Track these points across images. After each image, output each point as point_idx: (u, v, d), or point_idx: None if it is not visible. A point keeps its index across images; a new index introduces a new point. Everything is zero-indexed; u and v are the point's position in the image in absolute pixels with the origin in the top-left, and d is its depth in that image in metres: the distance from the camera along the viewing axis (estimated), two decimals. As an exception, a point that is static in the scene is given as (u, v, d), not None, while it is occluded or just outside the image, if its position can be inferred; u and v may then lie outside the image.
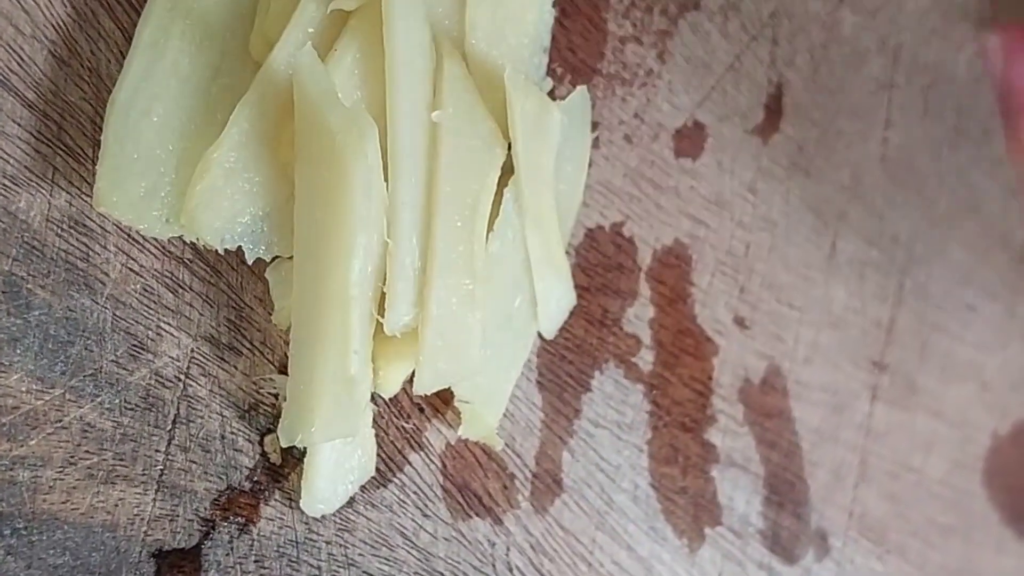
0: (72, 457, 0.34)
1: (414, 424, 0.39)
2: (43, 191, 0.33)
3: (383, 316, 0.35)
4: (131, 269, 0.35)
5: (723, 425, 0.44)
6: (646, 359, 0.43)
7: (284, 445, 0.36)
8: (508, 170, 0.38)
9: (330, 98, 0.34)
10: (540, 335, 0.40)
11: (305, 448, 0.36)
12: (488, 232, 0.38)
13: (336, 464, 0.37)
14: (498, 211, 0.38)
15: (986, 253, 0.50)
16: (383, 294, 0.36)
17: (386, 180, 0.35)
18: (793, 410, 0.46)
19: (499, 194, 0.38)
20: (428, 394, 0.39)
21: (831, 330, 0.47)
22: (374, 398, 0.37)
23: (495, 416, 0.39)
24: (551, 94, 0.40)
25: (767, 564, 0.45)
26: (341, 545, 0.37)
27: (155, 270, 0.35)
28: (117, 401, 0.34)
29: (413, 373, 0.37)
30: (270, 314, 0.36)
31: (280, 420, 0.35)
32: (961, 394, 0.49)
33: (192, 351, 0.35)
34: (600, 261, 0.42)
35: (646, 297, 0.43)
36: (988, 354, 0.50)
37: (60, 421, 0.33)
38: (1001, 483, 0.50)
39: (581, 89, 0.40)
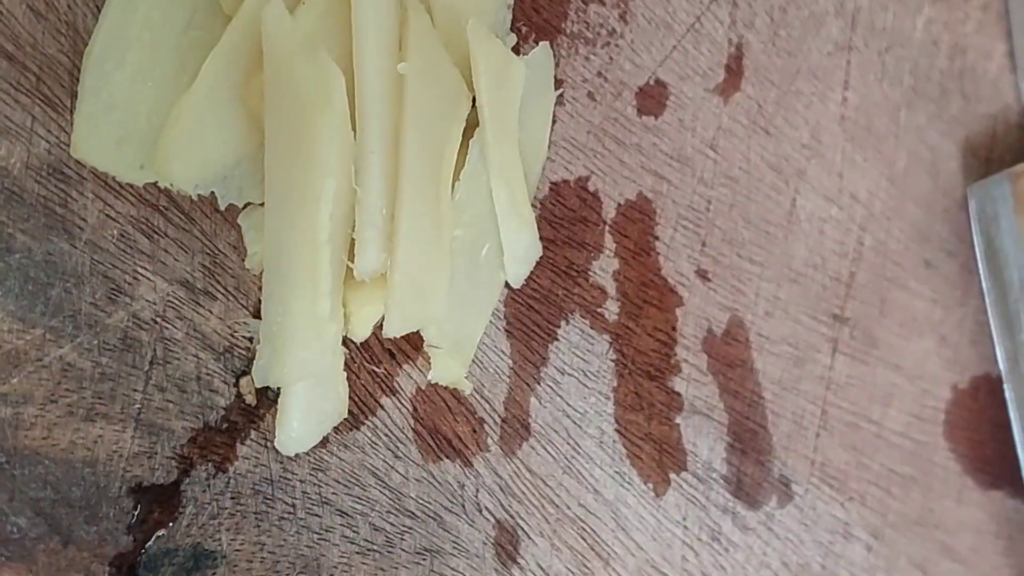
0: (53, 395, 0.35)
1: (385, 369, 0.40)
2: (22, 140, 0.35)
3: (353, 262, 0.37)
4: (108, 215, 0.36)
5: (687, 374, 0.45)
6: (611, 310, 0.44)
7: (258, 385, 0.37)
8: (474, 124, 0.40)
9: (298, 49, 0.35)
10: (508, 285, 0.42)
11: (279, 389, 0.38)
12: (454, 183, 0.39)
13: (309, 405, 0.38)
14: (464, 162, 0.39)
15: (944, 211, 0.52)
16: (353, 240, 0.37)
17: (354, 130, 0.36)
18: (755, 361, 0.47)
19: (464, 146, 0.39)
20: (398, 338, 0.40)
21: (791, 284, 0.48)
22: (346, 343, 0.39)
23: (464, 362, 0.41)
24: (515, 50, 0.42)
25: (731, 509, 0.46)
26: (315, 484, 0.39)
27: (131, 216, 0.36)
28: (96, 342, 0.35)
29: (383, 318, 0.38)
30: (243, 260, 0.38)
31: (254, 361, 0.37)
32: (920, 348, 0.51)
33: (168, 295, 0.37)
34: (565, 214, 0.43)
35: (611, 250, 0.44)
36: (946, 310, 0.52)
37: (41, 360, 0.35)
38: (961, 435, 0.52)
39: (544, 45, 0.41)
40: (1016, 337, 0.51)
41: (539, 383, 0.43)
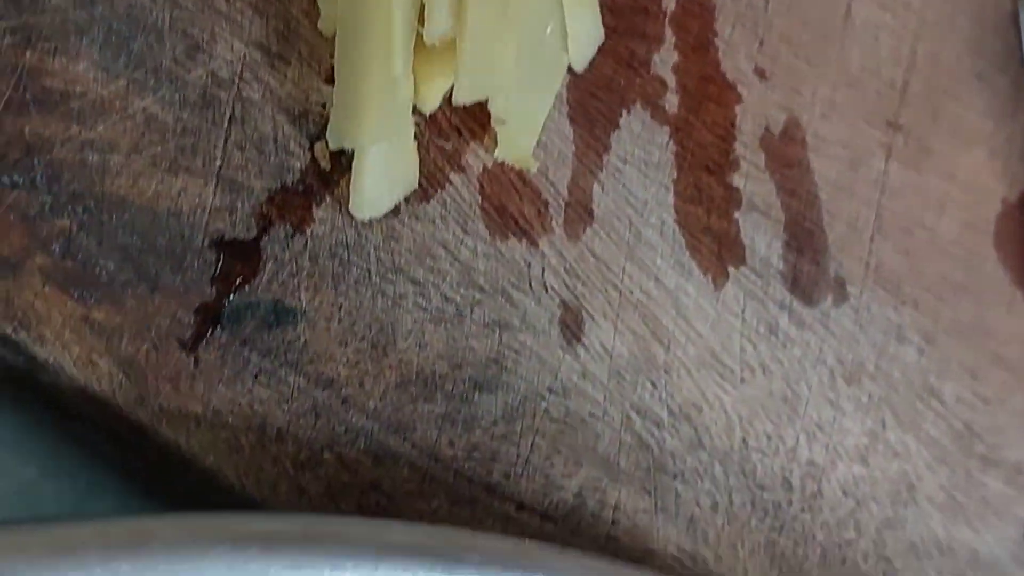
0: (137, 145, 0.36)
1: (453, 146, 0.41)
2: None
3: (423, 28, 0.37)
4: (186, -27, 0.36)
5: (745, 171, 0.46)
6: (671, 102, 0.45)
7: (333, 148, 0.38)
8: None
9: None
10: (571, 70, 0.42)
11: (352, 155, 0.38)
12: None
13: (382, 169, 0.39)
14: (530, -63, 0.40)
15: (995, 26, 0.52)
16: (423, 6, 0.37)
17: None
18: (811, 161, 0.48)
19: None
20: (465, 116, 0.41)
21: (847, 88, 0.48)
22: (415, 112, 0.39)
23: (530, 139, 0.41)
24: None
25: (788, 305, 0.47)
26: (388, 252, 0.39)
27: (208, -25, 0.37)
28: (177, 96, 0.36)
29: (451, 89, 0.39)
30: (316, 26, 0.38)
31: (328, 125, 0.38)
32: (972, 159, 0.51)
33: (244, 56, 0.37)
34: (626, 3, 0.44)
35: (671, 43, 0.45)
36: (996, 123, 0.52)
37: (125, 110, 0.35)
38: (1010, 248, 0.52)
39: None
40: (1066, 150, 0.51)
41: (601, 170, 0.43)
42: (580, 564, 0.35)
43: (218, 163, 0.37)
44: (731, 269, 0.46)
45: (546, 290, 0.42)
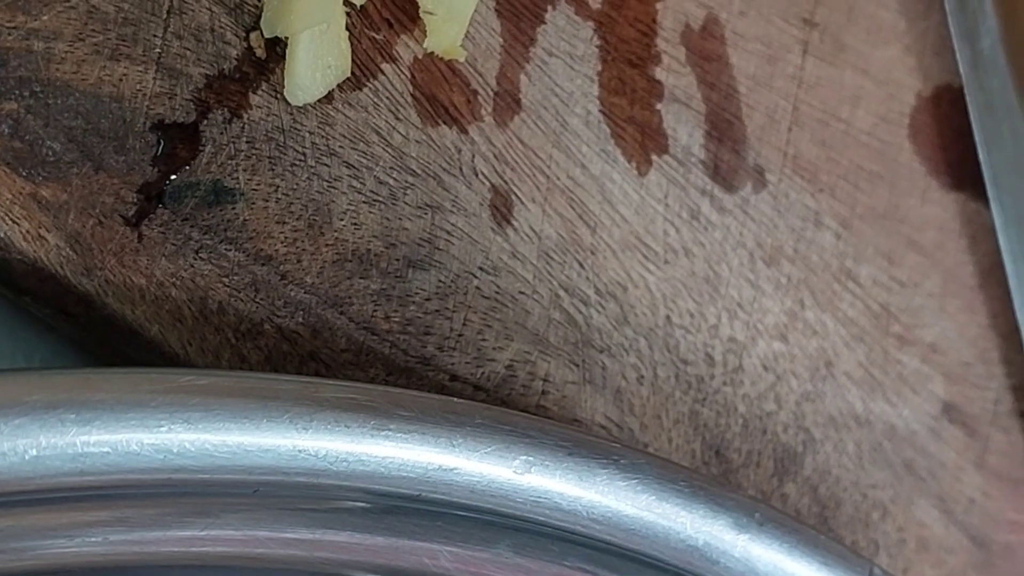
0: (80, 33, 0.38)
1: (384, 36, 0.43)
2: None
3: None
4: None
5: (667, 64, 0.48)
6: (594, -2, 0.47)
7: (267, 35, 0.40)
8: None
9: None
10: (496, -35, 0.44)
11: (286, 43, 0.41)
12: None
13: (315, 56, 0.41)
14: None
15: (909, -73, 0.54)
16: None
17: None
18: (730, 57, 0.50)
19: None
20: (395, 8, 0.43)
21: (764, -14, 0.51)
22: (347, 3, 0.41)
23: (458, 30, 0.43)
24: None
25: (709, 191, 0.49)
26: (323, 136, 0.42)
27: None
28: (116, -13, 0.38)
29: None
30: (249, -80, 0.40)
31: (262, 15, 0.40)
32: (886, 55, 0.54)
33: (181, -51, 0.39)
34: (549, -98, 0.46)
35: (592, -59, 0.47)
36: (911, 21, 0.55)
37: (68, 1, 0.37)
38: (924, 140, 0.55)
39: None
40: (975, 46, 0.54)
41: (528, 62, 0.46)
42: (503, 418, 0.38)
43: (157, 51, 0.39)
44: (654, 157, 0.48)
45: (476, 175, 0.45)
